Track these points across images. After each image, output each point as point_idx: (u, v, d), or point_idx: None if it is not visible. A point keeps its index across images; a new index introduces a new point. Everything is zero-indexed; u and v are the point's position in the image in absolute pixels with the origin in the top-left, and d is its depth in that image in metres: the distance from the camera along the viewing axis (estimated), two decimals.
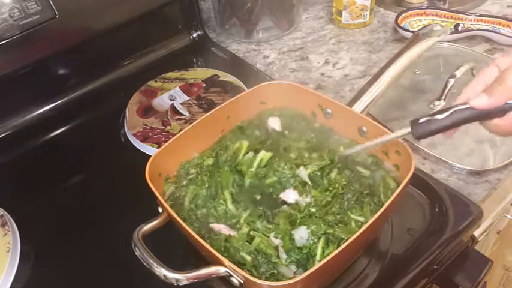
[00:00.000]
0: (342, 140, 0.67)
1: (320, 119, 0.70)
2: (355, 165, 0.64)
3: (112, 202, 0.74)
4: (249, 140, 0.67)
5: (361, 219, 0.57)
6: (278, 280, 0.53)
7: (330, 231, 0.55)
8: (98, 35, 0.88)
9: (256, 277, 0.52)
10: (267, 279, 0.53)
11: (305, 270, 0.51)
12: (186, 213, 0.61)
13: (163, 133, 0.82)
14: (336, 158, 0.64)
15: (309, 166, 0.62)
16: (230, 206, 0.60)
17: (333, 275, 0.59)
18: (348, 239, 0.49)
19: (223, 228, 0.58)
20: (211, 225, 0.59)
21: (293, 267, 0.54)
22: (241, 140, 0.67)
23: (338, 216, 0.57)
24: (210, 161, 0.66)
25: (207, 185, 0.63)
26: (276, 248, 0.56)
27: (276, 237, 0.56)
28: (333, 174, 0.62)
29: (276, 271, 0.54)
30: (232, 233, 0.57)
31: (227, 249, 0.56)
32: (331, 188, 0.60)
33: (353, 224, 0.57)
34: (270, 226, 0.57)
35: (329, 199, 0.59)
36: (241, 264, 0.54)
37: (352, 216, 0.57)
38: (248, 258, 0.55)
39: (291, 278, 0.53)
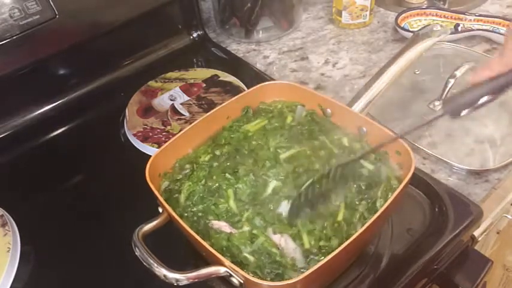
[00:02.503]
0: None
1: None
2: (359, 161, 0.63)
3: (112, 202, 0.74)
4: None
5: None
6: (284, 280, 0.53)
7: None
8: (98, 35, 0.88)
9: (261, 278, 0.51)
10: (272, 280, 0.53)
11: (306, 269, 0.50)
12: (182, 209, 0.60)
13: (163, 133, 0.82)
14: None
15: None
16: (232, 204, 0.60)
17: (333, 275, 0.59)
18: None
19: (223, 226, 0.58)
20: (212, 222, 0.58)
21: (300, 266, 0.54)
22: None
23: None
24: (207, 158, 0.66)
25: (203, 181, 0.62)
26: (277, 248, 0.55)
27: (274, 233, 0.56)
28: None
29: (281, 271, 0.53)
30: (233, 231, 0.57)
31: (229, 249, 0.55)
32: None
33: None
34: (269, 220, 0.57)
35: None
36: (244, 265, 0.54)
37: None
38: (252, 259, 0.54)
39: None
